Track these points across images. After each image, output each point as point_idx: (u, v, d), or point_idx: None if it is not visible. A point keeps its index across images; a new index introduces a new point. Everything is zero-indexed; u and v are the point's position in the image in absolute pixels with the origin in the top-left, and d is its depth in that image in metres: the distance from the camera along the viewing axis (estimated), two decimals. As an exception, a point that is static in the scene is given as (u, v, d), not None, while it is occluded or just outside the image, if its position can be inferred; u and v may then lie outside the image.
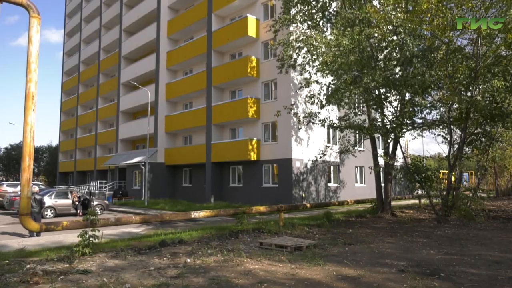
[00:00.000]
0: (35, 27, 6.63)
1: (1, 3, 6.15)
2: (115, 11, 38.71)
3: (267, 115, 22.87)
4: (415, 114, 15.83)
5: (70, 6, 50.91)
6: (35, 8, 6.38)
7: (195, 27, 28.67)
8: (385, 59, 15.12)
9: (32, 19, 6.50)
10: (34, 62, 6.58)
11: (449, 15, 12.17)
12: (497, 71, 13.46)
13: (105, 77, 40.67)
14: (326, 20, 17.72)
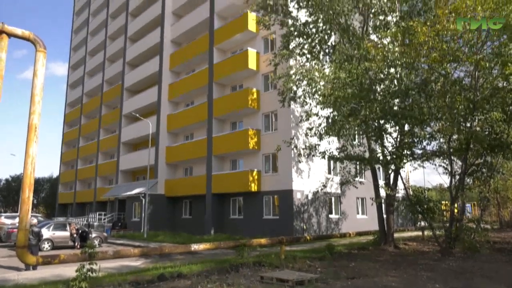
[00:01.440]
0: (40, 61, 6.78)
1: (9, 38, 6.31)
2: (119, 45, 39.71)
3: (268, 147, 22.94)
4: (414, 145, 15.86)
5: (75, 40, 52.28)
6: (41, 42, 6.54)
7: (197, 60, 29.29)
8: (383, 92, 15.33)
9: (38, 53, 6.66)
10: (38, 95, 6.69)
11: (445, 48, 12.44)
12: (495, 103, 13.61)
13: (108, 109, 41.15)
14: (324, 53, 18.13)
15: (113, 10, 42.26)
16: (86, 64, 47.11)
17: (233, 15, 26.82)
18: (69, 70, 52.92)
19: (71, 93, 50.85)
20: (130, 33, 37.51)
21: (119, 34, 40.62)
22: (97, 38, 45.47)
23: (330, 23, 16.90)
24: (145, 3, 36.09)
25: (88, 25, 48.41)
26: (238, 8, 25.16)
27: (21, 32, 6.53)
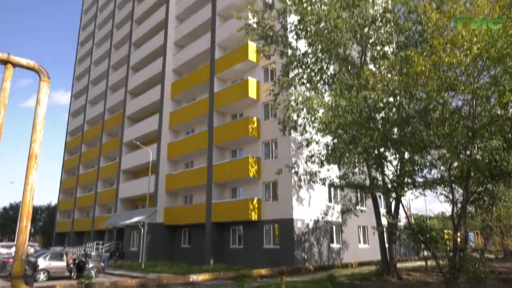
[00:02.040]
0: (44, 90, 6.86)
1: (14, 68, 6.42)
2: (121, 74, 40.36)
3: (268, 175, 22.88)
4: (415, 173, 15.82)
5: (79, 69, 53.17)
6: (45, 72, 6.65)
7: (198, 89, 29.69)
8: (382, 120, 15.45)
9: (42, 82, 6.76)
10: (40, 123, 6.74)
11: (442, 77, 12.63)
12: (494, 131, 13.66)
13: (108, 137, 41.33)
14: (324, 82, 18.40)
15: (117, 40, 43.23)
16: (88, 93, 47.72)
17: (234, 45, 27.42)
18: (72, 98, 53.55)
19: (72, 121, 51.24)
20: (133, 63, 38.20)
21: (122, 63, 41.37)
22: (100, 68, 46.27)
23: (329, 53, 17.26)
24: (148, 34, 36.97)
25: (91, 55, 49.38)
26: (238, 38, 25.78)
27: (26, 62, 6.66)
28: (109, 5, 47.85)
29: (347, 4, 16.55)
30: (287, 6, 17.68)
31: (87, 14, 55.02)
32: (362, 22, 16.66)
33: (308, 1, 17.09)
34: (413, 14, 16.98)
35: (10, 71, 6.46)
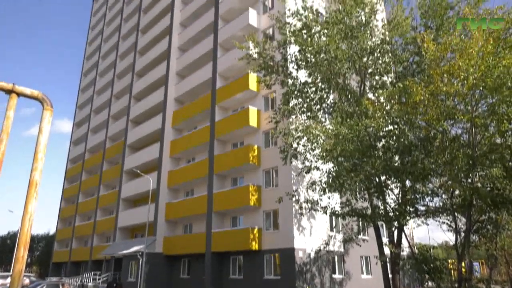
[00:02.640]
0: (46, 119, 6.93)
1: (18, 97, 6.50)
2: (123, 103, 40.83)
3: (269, 203, 22.70)
4: (417, 201, 15.71)
5: (82, 98, 53.83)
6: (49, 101, 6.74)
7: (199, 118, 29.94)
8: (383, 148, 15.50)
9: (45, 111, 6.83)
10: (42, 151, 6.77)
11: (441, 106, 12.76)
12: (495, 159, 13.66)
13: (109, 165, 41.33)
14: (324, 111, 18.58)
15: (120, 70, 44.01)
16: (90, 122, 48.10)
17: (235, 75, 27.89)
18: (74, 127, 53.94)
19: (74, 150, 51.39)
20: (135, 92, 38.73)
21: (124, 92, 41.93)
22: (102, 97, 46.85)
23: (329, 83, 17.52)
24: (151, 64, 37.68)
25: (95, 85, 50.14)
26: (239, 68, 26.27)
27: (30, 92, 6.76)
28: (114, 36, 49.03)
29: (346, 35, 16.95)
30: (288, 38, 18.09)
31: (91, 45, 56.30)
32: (361, 53, 17.01)
33: (307, 32, 17.52)
34: (410, 46, 17.36)
35: (14, 101, 6.55)
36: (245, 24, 27.19)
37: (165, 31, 36.90)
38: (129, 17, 46.38)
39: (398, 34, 17.44)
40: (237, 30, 27.77)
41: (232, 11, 29.45)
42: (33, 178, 7.23)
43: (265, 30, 27.17)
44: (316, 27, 17.64)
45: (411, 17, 17.44)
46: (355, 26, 17.24)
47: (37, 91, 6.91)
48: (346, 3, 17.21)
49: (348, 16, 17.19)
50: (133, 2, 46.22)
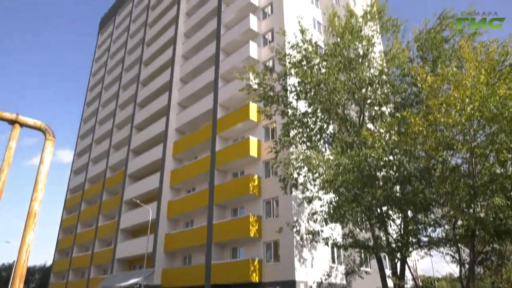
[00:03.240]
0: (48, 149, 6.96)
1: (21, 127, 6.57)
2: (125, 133, 41.12)
3: (269, 234, 22.39)
4: (419, 232, 15.51)
5: (84, 128, 54.25)
6: (51, 131, 6.78)
7: (199, 148, 30.04)
8: (384, 178, 15.48)
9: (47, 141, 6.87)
10: (42, 182, 6.76)
11: (440, 136, 12.84)
12: (496, 189, 13.60)
13: (109, 195, 41.10)
14: (324, 141, 18.68)
15: (122, 101, 44.61)
16: (91, 151, 48.25)
17: (236, 105, 28.23)
18: (75, 157, 54.04)
19: (74, 179, 51.26)
20: (136, 122, 39.08)
21: (126, 123, 42.32)
22: (104, 127, 47.23)
23: (329, 113, 17.71)
24: (153, 95, 38.26)
25: (97, 115, 50.67)
26: (240, 99, 26.62)
27: (33, 122, 6.83)
28: (117, 68, 50.05)
29: (344, 67, 17.31)
30: (287, 69, 18.46)
31: (95, 76, 57.37)
32: (360, 84, 17.31)
33: (307, 64, 17.90)
34: (408, 77, 17.68)
35: (17, 131, 6.61)
36: (245, 56, 27.80)
37: (168, 63, 37.71)
38: (133, 50, 47.49)
39: (396, 65, 17.81)
40: (238, 62, 28.35)
41: (233, 44, 30.18)
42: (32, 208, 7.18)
43: (265, 62, 27.73)
44: (315, 59, 18.05)
45: (407, 49, 17.86)
46: (353, 58, 17.65)
47: (40, 121, 6.99)
48: (344, 37, 17.69)
49: (346, 48, 17.63)
50: (137, 35, 47.47)
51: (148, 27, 45.10)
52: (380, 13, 18.59)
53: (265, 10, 30.11)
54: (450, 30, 17.09)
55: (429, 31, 17.23)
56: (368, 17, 18.39)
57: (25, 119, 6.82)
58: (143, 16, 47.76)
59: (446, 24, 17.08)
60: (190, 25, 36.59)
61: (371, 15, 18.42)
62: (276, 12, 28.39)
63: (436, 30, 17.05)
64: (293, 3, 28.50)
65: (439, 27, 17.11)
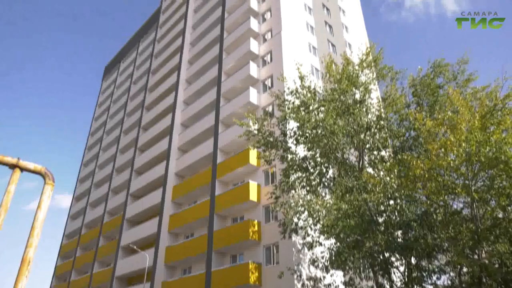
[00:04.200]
0: (47, 193, 6.93)
1: (21, 172, 6.60)
2: (124, 177, 41.02)
3: (269, 282, 21.68)
4: (424, 280, 15.04)
5: (83, 172, 54.17)
6: (51, 176, 6.79)
7: (199, 192, 29.85)
8: (385, 223, 15.26)
9: (46, 185, 6.86)
10: (38, 227, 6.67)
11: (440, 180, 12.82)
12: (499, 234, 13.36)
13: (105, 240, 40.26)
14: (324, 186, 18.61)
15: (123, 145, 44.95)
16: (90, 195, 47.87)
17: (236, 149, 28.42)
18: (73, 201, 53.54)
19: (70, 224, 50.43)
20: (137, 166, 39.13)
21: (126, 167, 42.36)
22: (104, 171, 47.20)
23: (328, 158, 17.79)
24: (153, 139, 38.64)
25: (97, 159, 50.83)
26: (240, 143, 26.86)
27: (34, 167, 6.86)
28: (119, 113, 50.95)
29: (342, 112, 17.63)
30: (286, 114, 18.78)
31: (97, 121, 58.19)
32: (358, 128, 17.54)
33: (305, 109, 18.24)
34: (405, 121, 17.95)
35: (17, 175, 6.61)
36: (245, 102, 28.38)
37: (169, 108, 38.43)
38: (135, 95, 48.61)
39: (393, 111, 18.13)
40: (238, 107, 28.90)
41: (234, 90, 30.93)
42: (26, 255, 7.02)
43: (265, 107, 28.26)
44: (313, 104, 18.42)
45: (404, 95, 18.27)
46: (351, 104, 18.01)
47: (40, 165, 7.02)
48: (342, 82, 18.18)
49: (344, 94, 18.04)
50: (140, 81, 48.77)
51: (151, 74, 46.45)
52: (375, 61, 19.21)
53: (264, 58, 31.15)
54: (444, 77, 17.62)
55: (423, 78, 17.75)
56: (364, 64, 19.00)
57: (25, 164, 6.85)
58: (147, 63, 49.35)
59: (440, 72, 17.64)
60: (192, 72, 37.72)
61: (367, 63, 19.04)
62: (275, 59, 29.35)
63: (430, 77, 17.58)
64: (291, 51, 29.54)
65: (433, 75, 17.66)
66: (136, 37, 58.18)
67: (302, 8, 34.72)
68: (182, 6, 47.28)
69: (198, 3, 44.03)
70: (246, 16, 34.19)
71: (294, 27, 31.92)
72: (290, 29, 31.24)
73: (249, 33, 32.59)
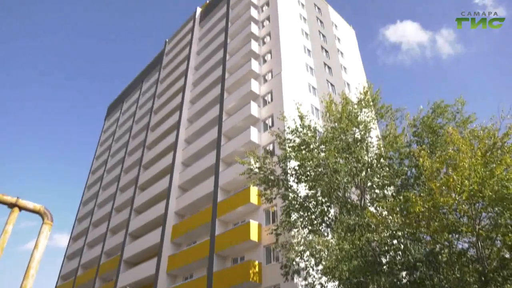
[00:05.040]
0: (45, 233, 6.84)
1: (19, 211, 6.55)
2: (123, 216, 40.50)
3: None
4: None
5: (82, 211, 53.55)
6: (50, 215, 6.73)
7: (199, 231, 29.36)
8: (389, 263, 14.87)
9: (44, 225, 6.78)
10: (34, 268, 6.52)
11: (443, 219, 12.63)
12: (507, 275, 12.99)
13: (102, 282, 39.11)
14: (326, 225, 18.32)
15: (123, 184, 44.74)
16: (88, 235, 47.04)
17: (236, 188, 28.24)
18: (70, 241, 52.55)
19: (67, 265, 49.18)
20: (136, 205, 38.76)
21: (126, 206, 41.94)
22: (103, 210, 46.70)
23: (329, 196, 17.63)
24: (154, 178, 38.53)
25: (97, 198, 50.42)
26: (241, 182, 26.73)
27: (33, 206, 6.82)
28: (120, 152, 51.15)
29: (343, 150, 17.68)
30: (287, 153, 18.83)
31: (98, 160, 58.31)
32: (359, 166, 17.51)
33: (306, 148, 18.31)
34: (406, 160, 17.95)
35: (16, 215, 6.54)
36: (246, 141, 28.56)
37: (170, 147, 38.63)
38: (137, 134, 49.03)
39: (393, 149, 18.18)
40: (239, 146, 29.06)
41: (235, 129, 31.23)
42: (20, 296, 6.78)
43: (266, 146, 28.40)
44: (314, 143, 18.52)
45: (404, 134, 18.39)
46: (352, 142, 18.10)
47: (39, 205, 6.96)
48: (342, 121, 18.38)
49: (344, 133, 18.19)
50: (142, 121, 49.39)
51: (153, 113, 47.12)
52: (374, 100, 19.52)
53: (265, 98, 31.71)
54: (443, 118, 17.84)
55: (423, 119, 17.94)
56: (363, 104, 19.29)
57: (24, 203, 6.80)
58: (149, 103, 50.22)
59: (440, 112, 17.87)
60: (194, 111, 38.29)
61: (366, 103, 19.34)
62: (276, 99, 29.87)
63: (430, 118, 17.78)
64: (291, 91, 30.13)
65: (433, 115, 17.87)
66: (140, 77, 59.63)
67: (301, 50, 35.79)
68: (185, 48, 48.81)
69: (201, 46, 45.49)
70: (247, 58, 35.19)
71: (294, 68, 32.77)
72: (290, 70, 32.05)
73: (250, 74, 33.41)
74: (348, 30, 50.28)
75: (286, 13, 37.57)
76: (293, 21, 38.05)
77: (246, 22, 38.85)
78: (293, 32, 36.52)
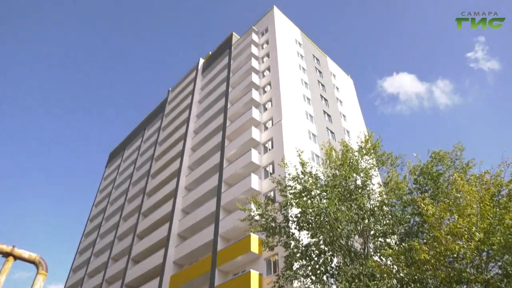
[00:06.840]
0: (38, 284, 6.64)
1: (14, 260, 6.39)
2: (120, 265, 39.25)
3: None
4: None
5: (78, 260, 51.99)
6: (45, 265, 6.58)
7: (198, 282, 28.33)
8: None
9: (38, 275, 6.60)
10: (26, 321, 6.22)
11: (450, 268, 12.23)
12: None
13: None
14: (329, 275, 17.71)
15: (121, 232, 43.87)
16: (82, 286, 45.36)
17: (237, 236, 27.62)
18: (70, 272, 51.04)
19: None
20: (134, 254, 37.71)
21: (123, 255, 40.82)
22: (100, 259, 45.39)
23: (332, 245, 17.19)
24: (153, 225, 37.84)
25: (94, 246, 49.22)
26: (241, 230, 26.19)
27: (28, 255, 6.67)
28: (120, 199, 50.70)
29: (345, 197, 17.51)
30: (288, 200, 18.62)
31: (97, 207, 57.66)
32: (362, 214, 17.25)
33: (308, 195, 18.14)
34: (409, 207, 17.70)
35: (10, 264, 6.35)
36: (247, 188, 28.36)
37: (170, 194, 38.29)
38: (138, 181, 48.82)
39: (396, 197, 18.00)
40: (239, 193, 28.81)
41: (235, 176, 31.14)
42: None
43: (267, 193, 28.15)
44: (315, 190, 18.37)
45: (405, 181, 18.30)
46: (353, 189, 17.97)
47: (35, 254, 6.78)
48: (342, 168, 18.36)
49: (345, 180, 18.10)
50: (143, 168, 49.41)
51: (154, 160, 47.26)
52: (374, 148, 19.63)
53: (265, 145, 31.93)
54: (443, 165, 17.85)
55: (422, 168, 17.95)
56: (364, 151, 19.38)
57: (20, 252, 6.63)
58: (151, 150, 50.51)
59: (439, 160, 17.92)
60: (195, 158, 38.42)
61: (366, 150, 19.44)
62: (276, 146, 30.06)
63: (430, 166, 17.79)
64: (292, 138, 30.41)
65: (433, 163, 17.90)
66: (142, 125, 60.48)
67: (301, 99, 36.60)
68: (188, 97, 49.95)
69: (203, 95, 46.60)
70: (248, 106, 35.89)
71: (294, 116, 33.31)
72: (290, 117, 32.56)
73: (251, 122, 33.91)
74: (346, 79, 51.72)
75: (286, 64, 38.86)
76: (293, 71, 39.25)
77: (247, 72, 40.06)
78: (293, 82, 37.55)
